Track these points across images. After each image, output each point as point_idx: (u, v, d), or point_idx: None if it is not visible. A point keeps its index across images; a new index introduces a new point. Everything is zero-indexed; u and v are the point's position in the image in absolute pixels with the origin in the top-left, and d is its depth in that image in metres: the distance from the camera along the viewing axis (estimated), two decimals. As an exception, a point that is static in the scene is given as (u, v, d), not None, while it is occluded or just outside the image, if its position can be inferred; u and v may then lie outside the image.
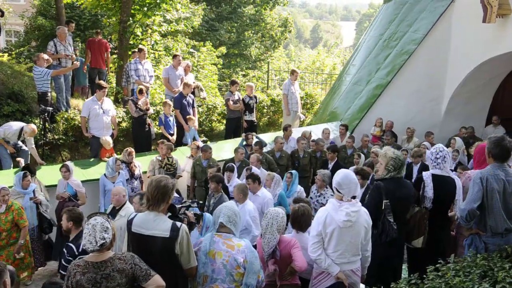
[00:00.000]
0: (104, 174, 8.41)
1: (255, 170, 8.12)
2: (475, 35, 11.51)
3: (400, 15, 13.69)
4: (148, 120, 10.81)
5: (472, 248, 4.65)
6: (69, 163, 8.33)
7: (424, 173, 5.69)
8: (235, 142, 11.01)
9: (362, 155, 9.40)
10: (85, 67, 13.34)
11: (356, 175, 6.77)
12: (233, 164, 8.44)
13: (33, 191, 7.59)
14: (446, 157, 5.52)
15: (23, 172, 7.60)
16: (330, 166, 9.21)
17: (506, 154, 4.66)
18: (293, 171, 8.22)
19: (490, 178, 4.56)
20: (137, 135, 10.96)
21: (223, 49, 19.54)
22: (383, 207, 5.10)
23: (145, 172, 9.21)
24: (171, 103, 11.01)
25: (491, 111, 13.33)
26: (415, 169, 9.01)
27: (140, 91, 10.65)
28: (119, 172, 8.45)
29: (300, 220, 5.17)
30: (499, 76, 12.69)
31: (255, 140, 10.21)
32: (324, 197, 7.80)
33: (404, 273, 5.85)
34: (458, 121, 12.53)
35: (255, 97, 12.54)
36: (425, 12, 12.85)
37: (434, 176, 5.46)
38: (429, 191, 5.41)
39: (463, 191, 5.56)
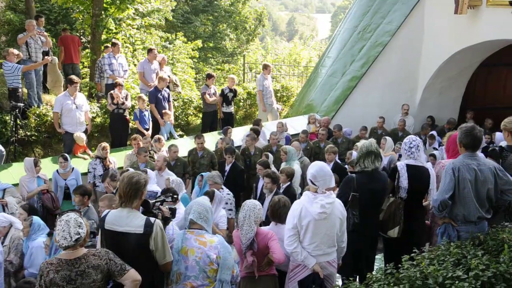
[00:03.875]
0: (57, 170, 8.27)
1: (150, 173, 7.40)
2: (447, 26, 11.66)
3: (373, 7, 13.77)
4: (126, 115, 10.69)
5: (445, 237, 4.70)
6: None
7: (398, 163, 5.73)
8: (212, 135, 10.96)
9: (270, 155, 8.92)
10: (60, 64, 13.12)
11: (266, 178, 6.68)
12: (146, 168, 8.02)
13: (4, 190, 7.31)
14: (419, 146, 5.58)
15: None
16: (227, 168, 8.73)
17: (477, 143, 4.71)
18: (204, 173, 7.82)
19: (462, 168, 4.60)
20: (113, 129, 10.86)
21: (198, 43, 19.37)
22: (349, 199, 5.17)
23: (120, 168, 9.09)
24: (146, 98, 10.89)
25: (464, 101, 13.55)
26: (330, 167, 8.70)
27: (116, 85, 10.54)
28: (73, 169, 8.31)
29: (280, 212, 5.19)
30: (471, 67, 12.88)
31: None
32: (186, 209, 6.99)
33: (380, 263, 5.91)
34: (432, 112, 12.70)
35: (235, 90, 12.51)
36: (398, 4, 12.95)
37: (408, 166, 5.50)
38: (403, 181, 5.44)
39: (437, 181, 5.62)
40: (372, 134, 11.35)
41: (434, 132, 11.24)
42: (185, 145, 10.26)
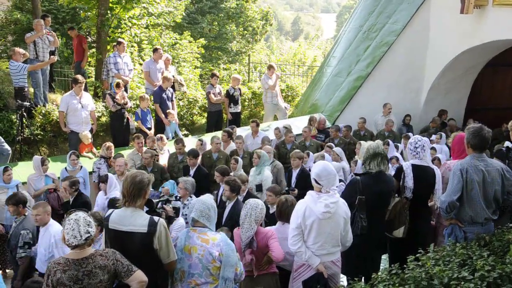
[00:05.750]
0: (65, 168, 8.31)
1: (111, 178, 7.30)
2: (453, 26, 11.62)
3: (379, 6, 13.74)
4: (127, 115, 10.70)
5: (452, 238, 4.69)
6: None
7: (404, 163, 5.73)
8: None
9: (240, 160, 8.37)
10: (84, 63, 13.29)
11: (225, 185, 6.36)
12: (108, 174, 7.71)
13: (17, 186, 7.45)
14: (425, 146, 5.56)
15: (3, 166, 7.49)
16: (192, 172, 8.29)
17: (485, 144, 4.70)
18: (171, 181, 7.49)
19: (469, 169, 4.59)
20: (115, 129, 10.84)
21: (202, 41, 19.36)
22: (356, 202, 5.14)
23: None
24: (148, 97, 10.90)
25: (470, 101, 13.50)
26: (294, 174, 8.17)
27: (117, 85, 10.52)
28: (81, 167, 8.37)
29: (288, 211, 5.17)
30: (477, 67, 12.84)
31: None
32: (189, 207, 6.61)
33: (385, 264, 5.90)
34: (437, 112, 12.66)
35: (240, 89, 12.51)
36: (404, 4, 12.91)
37: (414, 166, 5.49)
38: (409, 181, 5.43)
39: (442, 181, 5.61)
40: (355, 136, 11.14)
41: (410, 134, 10.84)
42: (189, 145, 10.25)
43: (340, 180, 7.88)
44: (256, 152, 8.22)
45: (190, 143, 10.50)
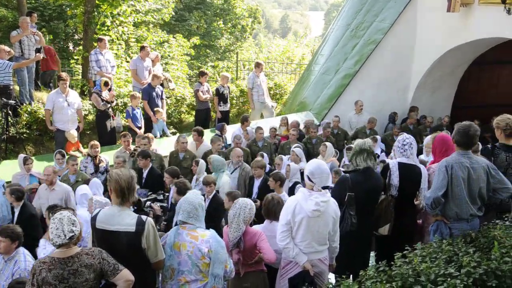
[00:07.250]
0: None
1: (95, 182, 7.25)
2: (440, 24, 11.70)
3: (367, 4, 13.78)
4: (111, 113, 10.59)
5: (437, 234, 4.72)
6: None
7: (390, 161, 5.74)
8: (205, 133, 10.90)
9: (202, 162, 8.08)
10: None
11: (173, 187, 6.33)
12: (93, 179, 7.54)
13: (3, 186, 7.30)
14: (412, 143, 5.58)
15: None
16: (145, 173, 8.10)
17: (471, 141, 4.73)
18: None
19: (455, 165, 4.62)
20: (101, 128, 10.69)
21: (196, 40, 19.29)
22: (345, 199, 5.16)
23: (112, 166, 9.05)
24: (139, 96, 10.83)
25: (457, 99, 13.60)
26: (256, 183, 7.71)
27: (105, 83, 10.41)
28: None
29: (275, 209, 5.19)
30: (464, 65, 12.94)
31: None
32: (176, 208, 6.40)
33: (372, 261, 5.92)
34: (425, 110, 12.75)
35: (228, 87, 12.50)
36: (391, 2, 12.96)
37: (400, 165, 5.51)
38: (394, 179, 5.46)
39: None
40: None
41: (377, 137, 10.57)
42: (171, 144, 10.20)
43: (297, 183, 7.82)
44: (208, 159, 8.12)
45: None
